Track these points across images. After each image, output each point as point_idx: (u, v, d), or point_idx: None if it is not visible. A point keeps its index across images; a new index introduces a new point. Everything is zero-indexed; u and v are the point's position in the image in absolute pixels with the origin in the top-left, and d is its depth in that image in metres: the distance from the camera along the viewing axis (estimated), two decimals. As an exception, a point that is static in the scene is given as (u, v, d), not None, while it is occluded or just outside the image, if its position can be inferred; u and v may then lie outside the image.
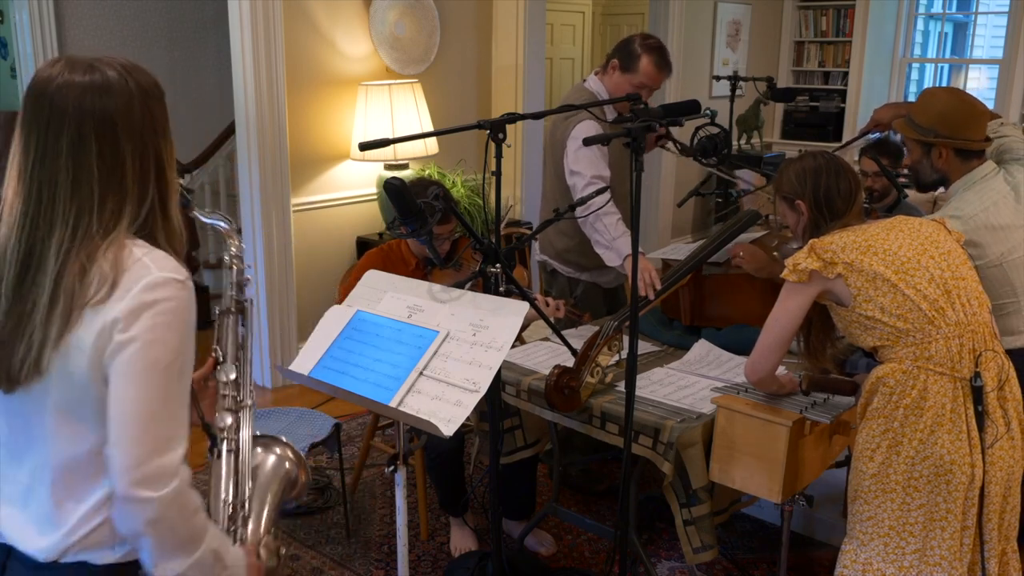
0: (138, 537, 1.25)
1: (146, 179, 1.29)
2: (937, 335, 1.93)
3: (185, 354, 1.27)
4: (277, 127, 4.22)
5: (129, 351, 1.22)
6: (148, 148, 1.29)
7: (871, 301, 1.96)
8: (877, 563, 1.99)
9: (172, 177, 1.34)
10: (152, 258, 1.26)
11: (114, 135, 1.25)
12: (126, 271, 1.24)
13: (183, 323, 1.26)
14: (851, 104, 7.44)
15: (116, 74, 1.27)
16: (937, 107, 2.45)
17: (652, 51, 3.02)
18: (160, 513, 1.22)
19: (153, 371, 1.23)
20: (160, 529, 1.24)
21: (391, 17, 4.61)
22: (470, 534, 3.00)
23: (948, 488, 1.91)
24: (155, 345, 1.22)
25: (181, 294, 1.26)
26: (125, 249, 1.26)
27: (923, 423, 1.92)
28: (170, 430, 1.24)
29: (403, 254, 2.95)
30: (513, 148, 5.26)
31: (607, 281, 3.27)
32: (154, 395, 1.23)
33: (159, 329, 1.23)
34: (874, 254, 1.97)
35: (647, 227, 6.70)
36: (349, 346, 1.89)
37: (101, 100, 1.25)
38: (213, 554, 1.29)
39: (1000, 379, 1.94)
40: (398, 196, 1.96)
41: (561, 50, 7.97)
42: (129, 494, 1.21)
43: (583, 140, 2.28)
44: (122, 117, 1.26)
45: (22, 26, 5.33)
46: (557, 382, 2.30)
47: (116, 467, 1.22)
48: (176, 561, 1.25)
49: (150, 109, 1.29)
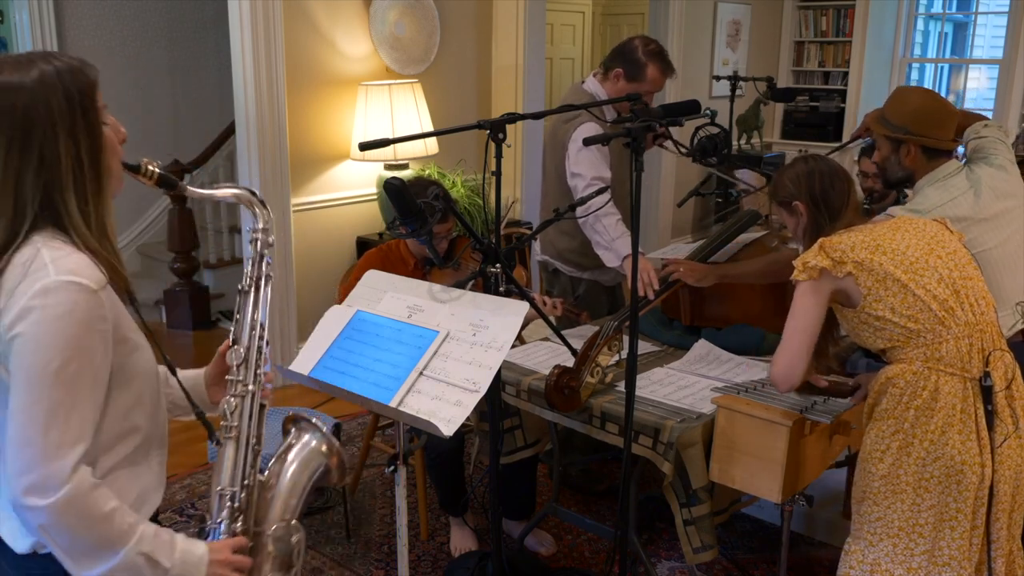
0: (42, 540, 1.24)
1: (22, 180, 1.25)
2: (948, 335, 1.93)
3: (78, 359, 1.22)
4: (277, 127, 4.22)
5: (15, 356, 1.21)
6: (31, 147, 1.24)
7: (881, 301, 1.96)
8: (885, 564, 1.98)
9: (84, 175, 1.28)
10: (56, 258, 1.23)
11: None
12: (24, 276, 1.22)
13: (76, 327, 1.21)
14: (851, 104, 7.44)
15: (16, 72, 1.24)
16: (911, 105, 2.48)
17: (656, 57, 3.03)
18: (52, 520, 1.20)
19: (40, 377, 1.20)
20: (58, 535, 1.22)
21: (391, 17, 4.61)
22: (470, 534, 3.00)
23: (959, 488, 1.91)
24: (40, 351, 1.20)
25: (77, 297, 1.22)
26: (27, 252, 1.24)
27: (934, 424, 1.92)
28: (60, 437, 1.21)
29: (402, 254, 2.95)
30: (513, 148, 5.25)
31: (608, 280, 3.27)
32: (41, 401, 1.20)
33: (46, 335, 1.20)
34: (883, 253, 1.97)
35: (647, 227, 6.69)
36: (349, 346, 1.89)
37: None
38: (144, 558, 1.26)
39: (1008, 378, 1.94)
40: (398, 196, 1.96)
41: (561, 50, 7.96)
42: (18, 501, 1.21)
43: (583, 140, 2.28)
44: (2, 115, 1.23)
45: (22, 26, 5.33)
46: (557, 382, 2.30)
47: (8, 472, 1.22)
48: (91, 564, 1.24)
49: (47, 106, 1.24)
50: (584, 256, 3.15)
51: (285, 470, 1.52)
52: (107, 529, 1.24)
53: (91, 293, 1.23)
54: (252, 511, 1.46)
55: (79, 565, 1.24)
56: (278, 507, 1.49)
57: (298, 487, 1.52)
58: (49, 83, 1.25)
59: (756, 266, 2.76)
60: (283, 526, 1.48)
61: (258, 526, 1.47)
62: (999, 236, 2.43)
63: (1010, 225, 2.46)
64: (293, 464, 1.53)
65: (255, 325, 1.50)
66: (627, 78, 3.04)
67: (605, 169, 2.97)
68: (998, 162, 2.53)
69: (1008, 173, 2.51)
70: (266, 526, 1.47)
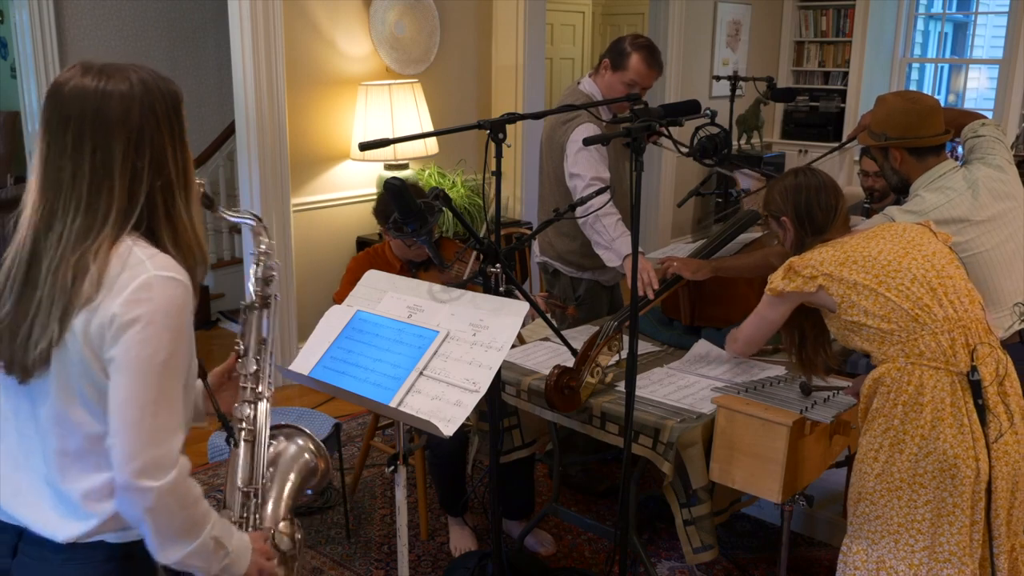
0: (139, 523, 1.31)
1: (137, 181, 1.31)
2: (923, 331, 1.95)
3: (179, 350, 1.30)
4: (277, 127, 4.22)
5: (125, 347, 1.26)
6: (143, 151, 1.31)
7: (855, 306, 2.01)
8: (890, 560, 1.99)
9: (182, 180, 1.37)
10: (150, 257, 1.30)
11: (107, 137, 1.29)
12: (122, 270, 1.28)
13: (178, 321, 1.29)
14: (851, 104, 7.44)
15: (123, 79, 1.31)
16: (884, 111, 2.52)
17: (641, 49, 3.04)
18: (158, 502, 1.27)
19: (148, 366, 1.27)
20: (159, 517, 1.29)
21: (391, 17, 4.61)
22: (469, 533, 3.00)
23: (954, 483, 1.92)
24: (150, 341, 1.26)
25: (176, 292, 1.29)
26: (121, 248, 1.30)
27: (923, 419, 1.93)
28: (166, 422, 1.29)
29: (388, 257, 2.96)
30: (513, 148, 5.25)
31: (607, 279, 3.28)
32: (149, 389, 1.27)
33: (154, 327, 1.27)
34: (852, 264, 2.03)
35: (647, 227, 6.69)
36: (349, 346, 1.89)
37: (100, 102, 1.28)
38: (214, 541, 1.35)
39: (999, 373, 1.95)
40: (398, 196, 1.96)
41: (561, 50, 7.96)
42: (129, 483, 1.27)
43: (583, 140, 2.28)
44: (117, 119, 1.29)
45: (22, 26, 5.33)
46: (557, 382, 2.30)
47: (116, 457, 1.27)
48: (177, 546, 1.32)
49: (153, 113, 1.31)
50: (584, 256, 3.15)
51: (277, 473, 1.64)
52: (196, 512, 1.33)
53: (185, 288, 1.31)
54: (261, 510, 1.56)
55: (168, 547, 1.32)
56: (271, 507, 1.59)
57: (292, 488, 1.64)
58: (152, 91, 1.32)
59: (752, 259, 2.77)
60: (287, 524, 1.58)
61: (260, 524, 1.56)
62: (997, 237, 2.43)
63: (1008, 226, 2.46)
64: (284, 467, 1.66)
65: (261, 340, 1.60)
66: (612, 67, 3.07)
67: (604, 169, 2.97)
68: (996, 162, 2.53)
69: (1006, 173, 2.51)
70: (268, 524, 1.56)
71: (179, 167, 1.36)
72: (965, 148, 2.67)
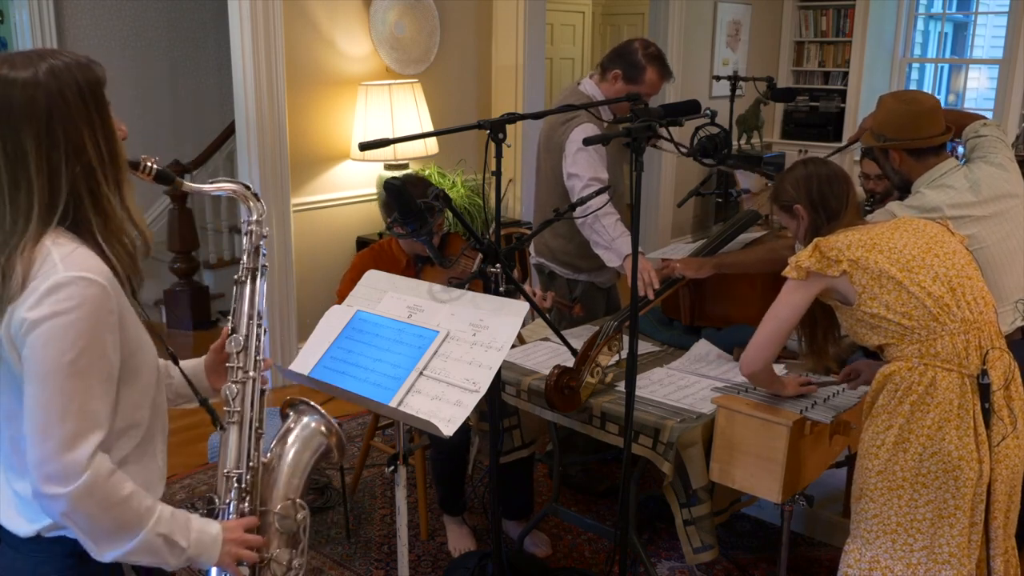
0: (65, 526, 1.29)
1: (56, 173, 1.27)
2: (943, 331, 1.94)
3: (91, 349, 1.25)
4: (277, 127, 4.22)
5: (30, 350, 1.24)
6: (57, 139, 1.26)
7: (876, 299, 1.97)
8: (885, 560, 1.99)
9: (108, 164, 1.31)
10: (64, 257, 1.26)
11: (13, 128, 1.25)
12: (38, 269, 1.25)
13: (90, 320, 1.25)
14: (851, 104, 7.44)
15: (29, 66, 1.26)
16: (882, 113, 2.53)
17: (655, 61, 3.05)
18: (72, 507, 1.24)
19: (53, 368, 1.23)
20: (79, 520, 1.26)
21: (391, 17, 4.61)
22: (468, 533, 3.00)
23: (956, 484, 1.91)
24: (53, 343, 1.23)
25: (87, 291, 1.24)
26: (42, 245, 1.26)
27: (930, 419, 1.93)
28: (76, 426, 1.24)
29: (394, 252, 2.96)
30: (513, 148, 5.25)
31: (604, 281, 3.28)
32: (55, 392, 1.24)
33: (57, 328, 1.23)
34: (879, 251, 1.99)
35: (647, 227, 6.69)
36: (349, 346, 1.89)
37: (3, 92, 1.24)
38: (162, 538, 1.32)
39: (1006, 377, 1.95)
40: (398, 196, 1.96)
41: (561, 50, 7.96)
42: (39, 490, 1.24)
43: (583, 140, 2.28)
44: (21, 108, 1.24)
45: (22, 26, 5.33)
46: (557, 382, 2.30)
47: (28, 464, 1.25)
48: (111, 546, 1.29)
49: (62, 98, 1.26)
50: (580, 258, 3.15)
51: (286, 452, 1.58)
52: (126, 512, 1.29)
53: (99, 287, 1.26)
54: (257, 492, 1.52)
55: (100, 547, 1.29)
56: (281, 487, 1.55)
57: (300, 467, 1.58)
58: (61, 76, 1.26)
59: (754, 255, 2.77)
60: (288, 505, 1.54)
61: (264, 506, 1.53)
62: (998, 234, 2.44)
63: (1009, 223, 2.46)
64: (294, 445, 1.60)
65: (253, 314, 1.56)
66: (626, 80, 3.05)
67: (603, 170, 2.97)
68: (997, 160, 2.53)
69: (1007, 171, 2.52)
70: (271, 505, 1.53)
71: (101, 151, 1.30)
72: (967, 147, 2.68)
